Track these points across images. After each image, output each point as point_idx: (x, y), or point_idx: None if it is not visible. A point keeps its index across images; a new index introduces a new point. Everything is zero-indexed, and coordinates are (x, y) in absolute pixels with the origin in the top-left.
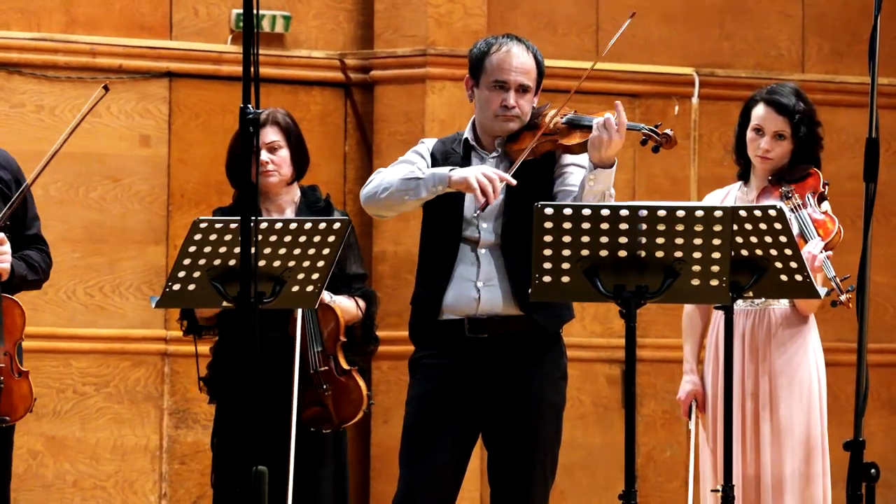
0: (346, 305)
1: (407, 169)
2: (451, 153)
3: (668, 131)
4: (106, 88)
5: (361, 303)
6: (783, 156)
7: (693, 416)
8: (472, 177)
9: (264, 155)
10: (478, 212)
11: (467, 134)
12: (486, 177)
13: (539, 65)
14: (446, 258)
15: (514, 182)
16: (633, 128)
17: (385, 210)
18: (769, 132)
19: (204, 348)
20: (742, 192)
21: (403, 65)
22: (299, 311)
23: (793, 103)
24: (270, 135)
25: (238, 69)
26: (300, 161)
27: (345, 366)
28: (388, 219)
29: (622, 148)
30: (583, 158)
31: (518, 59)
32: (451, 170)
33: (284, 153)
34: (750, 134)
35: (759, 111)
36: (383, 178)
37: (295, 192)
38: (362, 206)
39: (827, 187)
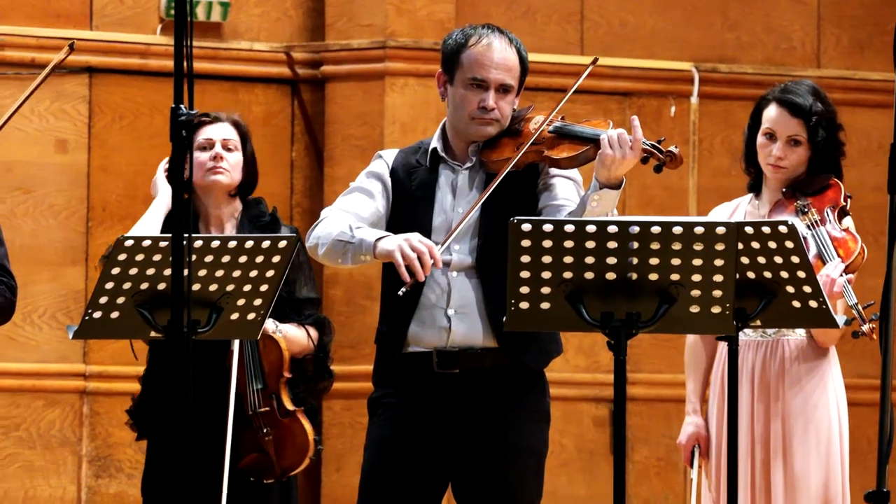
0: (294, 336)
1: (345, 221)
2: (416, 167)
3: (673, 148)
4: (71, 47)
5: (313, 332)
6: (798, 164)
7: (695, 464)
8: (395, 250)
9: (218, 148)
10: (402, 291)
11: (435, 143)
12: (412, 248)
13: (523, 61)
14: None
15: (442, 261)
16: None
17: (332, 265)
18: (782, 137)
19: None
20: (753, 206)
21: (359, 59)
22: (236, 343)
23: (809, 103)
24: (226, 132)
25: (169, 64)
26: (250, 173)
27: (289, 406)
28: None
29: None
30: (572, 172)
31: (500, 54)
32: (377, 238)
33: (238, 156)
34: (760, 139)
35: (770, 112)
36: (324, 227)
37: (236, 207)
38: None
39: (849, 201)
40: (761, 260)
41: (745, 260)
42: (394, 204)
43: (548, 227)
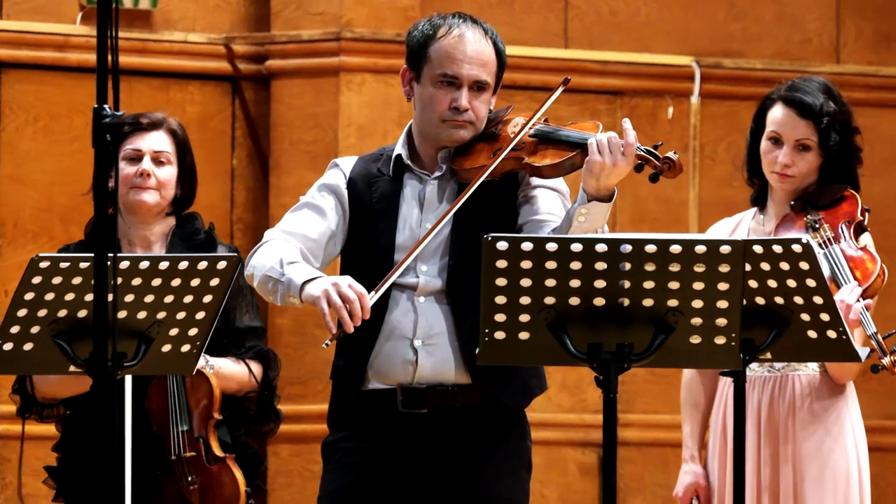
0: (231, 371)
1: (281, 251)
2: (377, 177)
3: (671, 154)
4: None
5: (255, 366)
6: (808, 173)
7: None
8: (321, 297)
9: (146, 163)
10: (326, 344)
11: (399, 149)
12: (340, 296)
13: (500, 55)
14: (374, 311)
15: (370, 307)
16: None
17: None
18: (789, 141)
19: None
20: (757, 221)
21: (310, 52)
22: (128, 380)
23: (820, 103)
24: (160, 142)
25: (90, 57)
26: (187, 188)
27: (218, 452)
28: None
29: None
30: (556, 182)
31: (473, 47)
32: (305, 280)
33: (171, 171)
34: (765, 144)
35: (776, 114)
36: (260, 256)
37: (168, 225)
38: None
39: (867, 215)
40: (772, 283)
41: (753, 283)
42: (352, 220)
43: (527, 246)
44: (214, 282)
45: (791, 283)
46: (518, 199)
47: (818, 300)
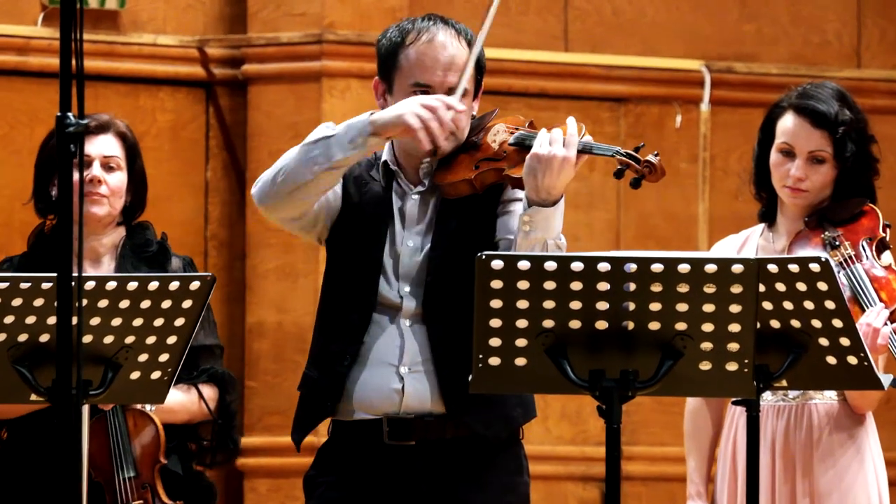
0: (179, 403)
1: (310, 137)
2: (369, 181)
3: (651, 157)
4: None
5: (210, 391)
6: (823, 186)
7: None
8: (407, 113)
9: (96, 169)
10: (426, 162)
11: (386, 156)
12: (427, 108)
13: (478, 58)
14: (354, 330)
15: (463, 108)
16: (597, 151)
17: (289, 204)
18: (802, 153)
19: None
20: (766, 238)
21: (290, 56)
22: (85, 414)
23: (834, 111)
24: (109, 146)
25: (53, 61)
26: (138, 195)
27: (166, 500)
28: (299, 231)
29: (603, 175)
30: None
31: (446, 51)
32: (371, 113)
33: (122, 177)
34: (775, 156)
35: (787, 123)
36: (281, 159)
37: (118, 235)
38: (258, 208)
39: (889, 231)
40: (788, 305)
41: (767, 305)
42: (341, 215)
43: (524, 265)
44: (187, 304)
45: (808, 304)
46: (497, 212)
47: (837, 323)
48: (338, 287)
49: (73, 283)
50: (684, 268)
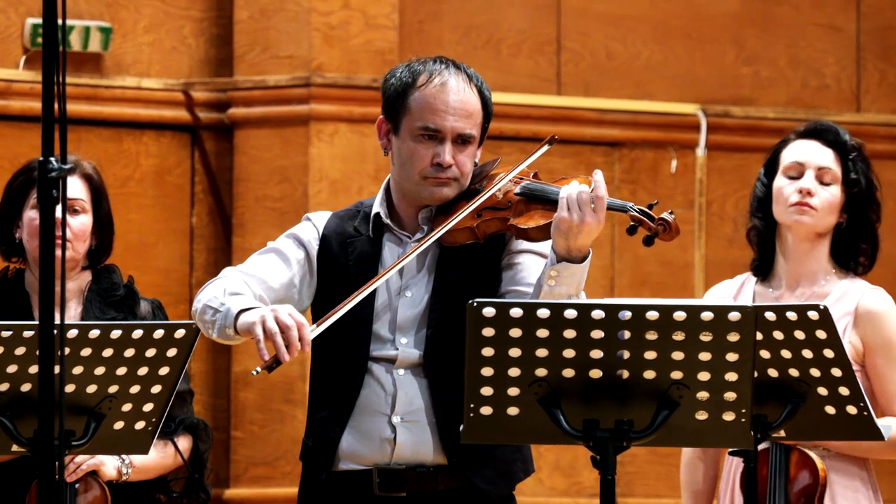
0: (155, 463)
1: (231, 285)
2: (354, 236)
3: (667, 215)
4: None
5: (184, 442)
6: (830, 208)
7: None
8: (257, 321)
9: (58, 212)
10: (257, 371)
11: (378, 207)
12: (277, 321)
13: (486, 104)
14: (347, 381)
15: (310, 339)
16: (615, 207)
17: (224, 341)
18: (812, 168)
19: None
20: (762, 284)
21: (277, 99)
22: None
23: (846, 137)
24: (73, 189)
25: (35, 105)
26: (104, 238)
27: None
28: None
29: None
30: (544, 246)
31: (457, 97)
32: (243, 308)
33: (87, 220)
34: (780, 181)
35: (795, 147)
36: (206, 289)
37: (83, 280)
38: None
39: None
40: (786, 354)
41: (765, 354)
42: (321, 282)
43: (516, 312)
44: (171, 352)
45: (807, 353)
46: (502, 263)
47: (836, 372)
48: (327, 352)
49: (55, 332)
50: (680, 315)
